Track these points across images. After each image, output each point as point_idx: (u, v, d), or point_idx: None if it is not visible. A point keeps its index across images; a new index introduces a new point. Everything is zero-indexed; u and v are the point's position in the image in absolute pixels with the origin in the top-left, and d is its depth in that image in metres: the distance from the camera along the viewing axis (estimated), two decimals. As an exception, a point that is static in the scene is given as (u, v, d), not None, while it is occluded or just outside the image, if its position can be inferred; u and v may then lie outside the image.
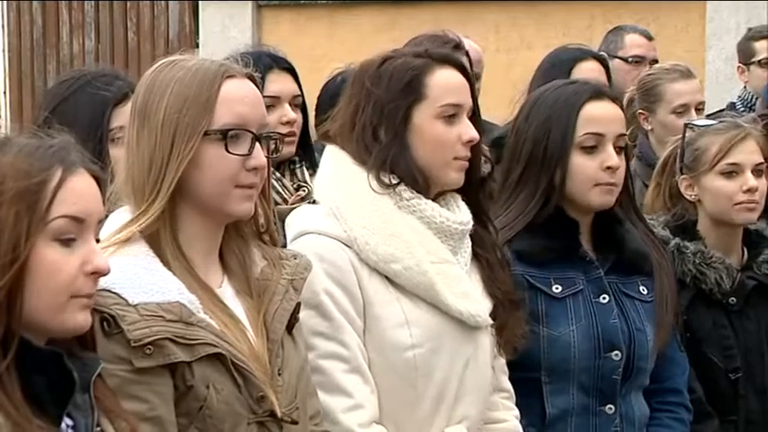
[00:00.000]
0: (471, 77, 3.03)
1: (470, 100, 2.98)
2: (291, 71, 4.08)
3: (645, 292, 3.34)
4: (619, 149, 3.25)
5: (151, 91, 2.55)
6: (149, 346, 2.37)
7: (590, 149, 3.23)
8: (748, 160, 3.56)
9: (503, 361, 3.08)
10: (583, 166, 3.23)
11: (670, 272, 3.42)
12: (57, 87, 3.57)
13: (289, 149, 3.96)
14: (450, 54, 3.12)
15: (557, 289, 3.22)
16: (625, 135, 3.34)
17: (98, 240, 2.19)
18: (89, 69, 4.15)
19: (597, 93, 3.34)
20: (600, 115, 3.26)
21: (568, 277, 3.25)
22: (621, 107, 3.40)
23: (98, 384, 2.20)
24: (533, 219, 3.22)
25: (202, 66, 2.59)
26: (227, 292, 2.58)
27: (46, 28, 9.11)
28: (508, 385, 3.10)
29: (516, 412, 3.10)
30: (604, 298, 3.26)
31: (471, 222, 3.00)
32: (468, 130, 2.93)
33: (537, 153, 3.24)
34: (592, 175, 3.22)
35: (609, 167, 3.21)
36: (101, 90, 3.32)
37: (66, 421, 2.12)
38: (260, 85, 2.66)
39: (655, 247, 3.42)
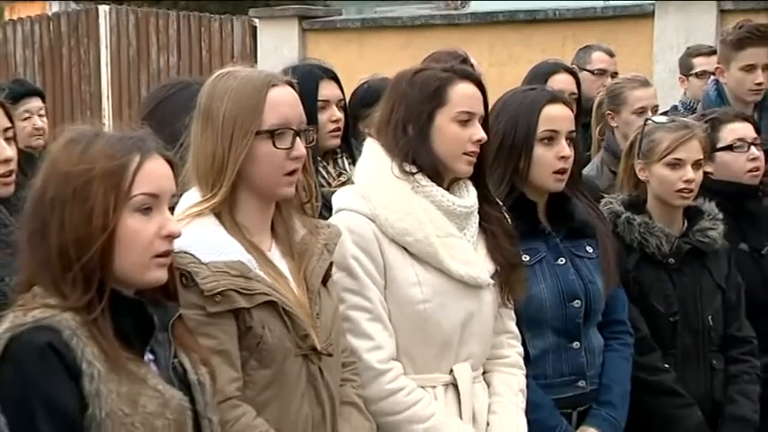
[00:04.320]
0: (485, 91, 3.01)
1: (482, 109, 2.98)
2: (337, 80, 4.08)
3: (591, 251, 3.34)
4: (569, 142, 3.26)
5: (212, 97, 2.57)
6: (218, 296, 2.41)
7: (548, 142, 3.24)
8: (690, 157, 3.55)
9: (509, 309, 3.09)
10: (543, 156, 3.23)
11: (609, 234, 3.44)
12: (157, 91, 3.56)
13: (335, 142, 3.98)
14: (471, 71, 3.10)
15: (525, 258, 3.21)
16: (574, 131, 3.32)
17: (172, 210, 2.20)
18: (175, 79, 4.18)
19: (554, 97, 3.34)
20: (556, 115, 3.26)
21: (533, 248, 3.25)
22: (571, 108, 3.38)
23: (177, 326, 2.24)
24: (502, 203, 3.19)
25: (252, 76, 2.61)
26: (275, 254, 2.61)
27: (139, 47, 9.14)
28: (513, 328, 3.11)
29: (519, 349, 3.11)
30: (562, 260, 3.28)
31: (476, 204, 2.99)
32: (478, 132, 2.93)
33: (505, 145, 3.24)
34: (550, 163, 3.23)
35: (563, 157, 3.23)
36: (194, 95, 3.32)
37: (149, 355, 2.16)
38: (303, 89, 2.67)
39: (596, 215, 3.43)
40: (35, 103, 5.04)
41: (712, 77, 5.21)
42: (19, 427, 1.90)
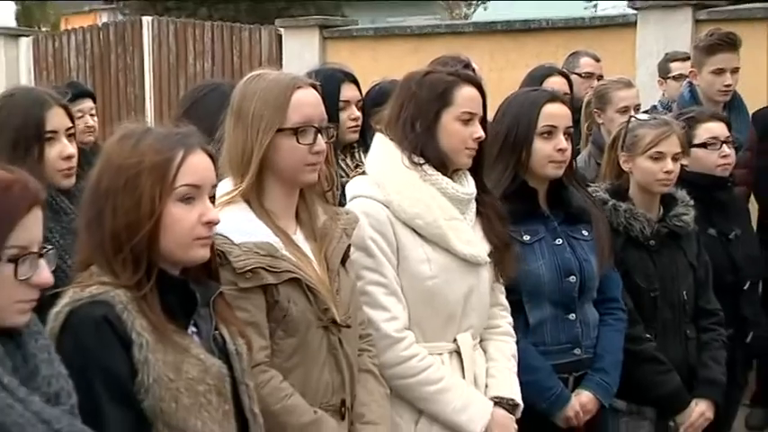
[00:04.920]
0: (485, 95, 3.01)
1: (482, 110, 2.97)
2: (356, 82, 4.12)
3: (586, 234, 3.35)
4: (566, 136, 3.26)
5: (243, 96, 2.58)
6: (248, 273, 2.43)
7: (547, 136, 3.24)
8: (670, 150, 3.55)
9: (501, 285, 3.10)
10: (542, 149, 3.23)
11: (604, 220, 3.44)
12: (192, 92, 3.58)
13: (354, 137, 4.02)
14: (474, 76, 3.08)
15: (526, 238, 3.23)
16: (571, 127, 3.31)
17: (213, 198, 2.20)
18: (206, 82, 4.18)
19: (552, 97, 3.34)
20: (554, 113, 3.26)
21: (533, 229, 3.26)
22: (568, 107, 3.37)
23: (218, 301, 2.24)
24: (506, 189, 3.22)
25: (279, 78, 2.61)
26: (299, 237, 2.62)
27: (178, 54, 9.14)
28: (504, 301, 3.12)
29: (510, 319, 3.12)
30: (559, 241, 3.28)
31: (475, 191, 3.00)
32: (478, 131, 2.94)
33: (509, 138, 3.25)
34: (548, 155, 3.23)
35: (560, 149, 3.23)
36: (225, 96, 3.32)
37: (192, 328, 2.17)
38: (326, 91, 2.66)
39: (591, 203, 3.44)
40: (87, 103, 5.05)
41: (686, 80, 5.21)
42: (79, 391, 1.91)
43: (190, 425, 2.04)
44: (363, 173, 3.05)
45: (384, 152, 3.00)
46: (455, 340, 2.95)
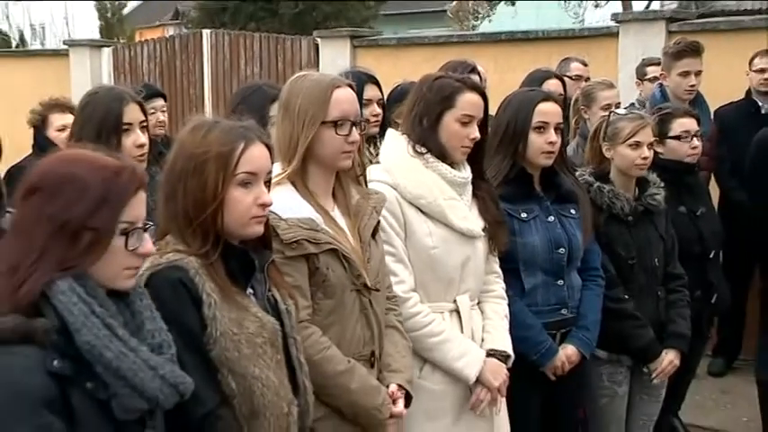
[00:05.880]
0: (487, 99, 2.98)
1: (482, 113, 2.94)
2: (378, 84, 4.09)
3: (574, 212, 3.33)
4: (557, 131, 3.23)
5: (290, 93, 2.56)
6: (294, 244, 2.42)
7: (540, 131, 3.21)
8: (646, 139, 3.53)
9: (495, 256, 3.08)
10: (536, 141, 3.20)
11: (587, 202, 3.43)
12: (240, 91, 3.58)
13: (374, 130, 3.99)
14: (478, 84, 3.05)
15: (523, 215, 3.22)
16: (561, 123, 3.28)
17: (268, 183, 2.19)
18: (250, 83, 4.20)
19: (546, 96, 3.31)
20: (547, 110, 3.22)
21: (529, 208, 3.24)
22: (560, 105, 3.34)
23: (271, 267, 2.25)
24: (506, 175, 3.20)
25: (321, 79, 2.60)
26: (336, 213, 2.61)
27: (231, 61, 9.12)
28: (498, 269, 3.10)
29: (503, 285, 3.10)
30: (551, 218, 3.26)
31: (470, 176, 2.98)
32: (474, 132, 2.91)
33: (508, 131, 3.22)
34: (541, 146, 3.21)
35: (551, 142, 3.20)
36: (265, 93, 3.32)
37: (250, 290, 2.17)
38: (356, 90, 2.64)
39: (578, 186, 3.42)
40: (159, 102, 5.05)
41: (658, 81, 5.18)
42: None
43: (249, 371, 2.04)
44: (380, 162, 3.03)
45: (393, 144, 2.98)
46: (455, 301, 2.94)
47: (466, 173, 2.98)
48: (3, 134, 2.57)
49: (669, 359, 3.58)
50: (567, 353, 3.25)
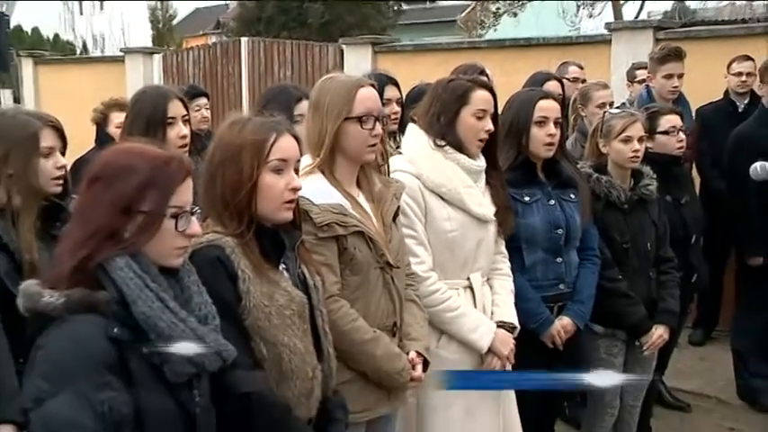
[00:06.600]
0: (496, 96, 2.94)
1: (493, 108, 2.91)
2: (397, 85, 4.03)
3: (573, 197, 3.26)
4: (556, 125, 3.17)
5: (320, 92, 2.52)
6: (325, 226, 2.39)
7: (541, 125, 3.15)
8: (636, 134, 3.46)
9: (502, 238, 3.05)
10: (537, 134, 3.15)
11: (586, 188, 3.36)
12: (267, 92, 3.57)
13: (394, 126, 3.92)
14: (487, 82, 3.02)
15: (527, 199, 3.16)
16: (560, 118, 3.22)
17: (297, 170, 2.16)
18: (277, 84, 4.16)
19: (545, 95, 3.26)
20: (546, 107, 3.17)
21: (532, 192, 3.18)
22: (559, 103, 3.28)
23: (301, 247, 2.21)
24: (512, 163, 3.16)
25: (347, 79, 2.56)
26: (361, 199, 2.57)
27: (266, 66, 9.09)
28: (505, 250, 3.06)
29: (508, 264, 3.07)
30: (552, 202, 3.20)
31: (485, 165, 2.94)
32: (488, 125, 2.87)
33: (513, 126, 3.17)
34: (542, 139, 3.15)
35: (550, 134, 3.15)
36: (290, 94, 3.30)
37: (281, 266, 2.13)
38: (377, 89, 2.61)
39: (577, 174, 3.35)
40: (203, 100, 5.05)
41: (645, 83, 5.11)
42: None
43: (278, 339, 2.03)
44: (400, 154, 2.98)
45: (415, 138, 2.94)
46: (468, 278, 2.91)
47: (481, 162, 2.93)
48: (68, 131, 2.55)
49: (659, 333, 3.51)
50: (563, 323, 3.20)
